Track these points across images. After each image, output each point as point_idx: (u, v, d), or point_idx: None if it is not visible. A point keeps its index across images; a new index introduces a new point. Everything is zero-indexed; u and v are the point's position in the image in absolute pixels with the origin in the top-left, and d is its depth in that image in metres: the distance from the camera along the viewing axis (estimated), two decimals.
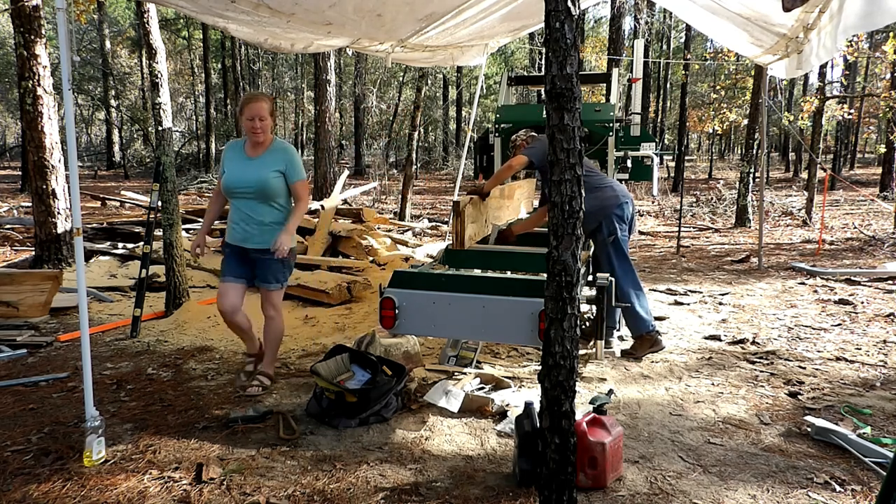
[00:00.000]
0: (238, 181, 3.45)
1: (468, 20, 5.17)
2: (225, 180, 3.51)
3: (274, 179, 3.44)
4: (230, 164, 3.52)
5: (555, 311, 2.18)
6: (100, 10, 20.74)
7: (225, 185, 3.51)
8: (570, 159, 2.11)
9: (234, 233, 3.53)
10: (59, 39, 2.79)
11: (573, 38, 2.06)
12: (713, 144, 37.45)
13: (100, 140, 34.62)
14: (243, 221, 3.48)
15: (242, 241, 3.50)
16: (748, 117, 12.32)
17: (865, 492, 2.54)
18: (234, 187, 3.47)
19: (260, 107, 3.39)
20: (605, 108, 5.66)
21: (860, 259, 7.92)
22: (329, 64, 12.35)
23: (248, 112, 3.37)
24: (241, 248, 3.52)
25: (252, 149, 3.50)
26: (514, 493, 2.53)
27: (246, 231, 3.48)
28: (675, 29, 24.67)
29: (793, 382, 3.78)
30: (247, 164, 3.47)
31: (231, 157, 3.54)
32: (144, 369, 4.01)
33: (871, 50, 20.19)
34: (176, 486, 2.58)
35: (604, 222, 4.12)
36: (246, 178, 3.43)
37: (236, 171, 3.47)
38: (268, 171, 3.43)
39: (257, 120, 3.39)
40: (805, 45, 4.77)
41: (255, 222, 3.47)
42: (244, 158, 3.49)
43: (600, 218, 4.11)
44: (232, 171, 3.49)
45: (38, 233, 6.66)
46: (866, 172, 27.00)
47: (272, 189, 3.44)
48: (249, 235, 3.48)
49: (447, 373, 3.83)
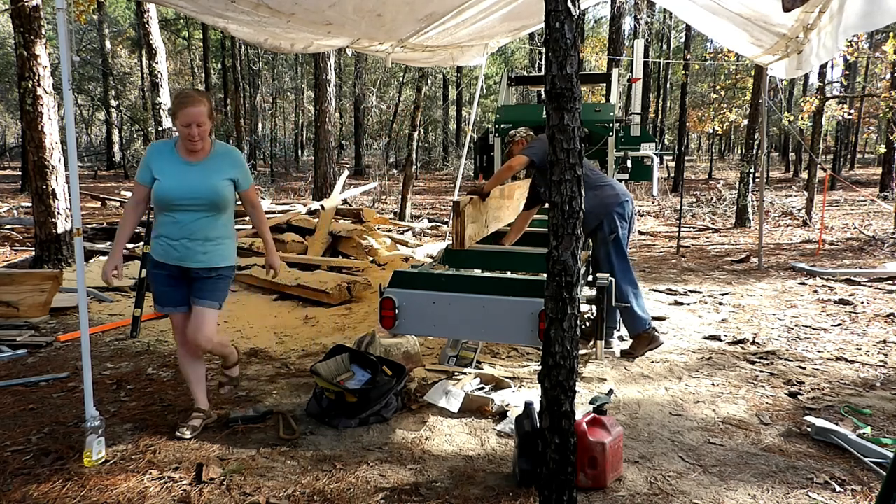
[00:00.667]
0: (181, 191, 2.92)
1: (468, 20, 5.17)
2: (162, 190, 2.93)
3: (226, 189, 3.01)
4: (165, 171, 2.94)
5: (555, 311, 2.18)
6: (100, 10, 20.73)
7: (161, 196, 2.93)
8: (570, 159, 2.11)
9: (170, 250, 2.98)
10: (59, 39, 2.80)
11: (573, 38, 2.06)
12: (713, 144, 37.46)
13: (100, 140, 34.62)
14: (184, 238, 2.96)
15: (182, 259, 2.99)
16: (748, 117, 12.33)
17: (865, 492, 2.54)
18: (176, 198, 2.92)
19: (198, 112, 2.86)
20: (605, 108, 5.66)
21: (860, 259, 7.92)
22: (329, 64, 12.35)
23: (183, 117, 2.84)
24: (180, 267, 3.02)
25: (191, 152, 2.98)
26: (514, 493, 2.53)
27: (188, 248, 2.97)
28: (675, 29, 24.68)
29: (793, 382, 3.78)
30: (188, 171, 2.95)
31: (163, 162, 2.97)
32: (144, 369, 4.01)
33: (871, 50, 20.20)
34: (176, 486, 2.58)
35: (605, 220, 4.13)
36: (191, 187, 2.93)
37: (176, 180, 2.93)
38: (219, 178, 2.98)
39: (195, 127, 2.87)
40: (805, 45, 4.77)
41: (200, 238, 2.98)
42: (182, 164, 2.96)
43: (602, 216, 4.12)
44: (170, 179, 2.93)
45: (38, 233, 6.66)
46: (866, 172, 27.00)
47: (224, 200, 3.01)
48: (192, 253, 2.98)
49: (447, 373, 3.83)
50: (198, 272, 3.02)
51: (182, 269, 3.02)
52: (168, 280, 3.06)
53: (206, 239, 3.01)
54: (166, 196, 2.93)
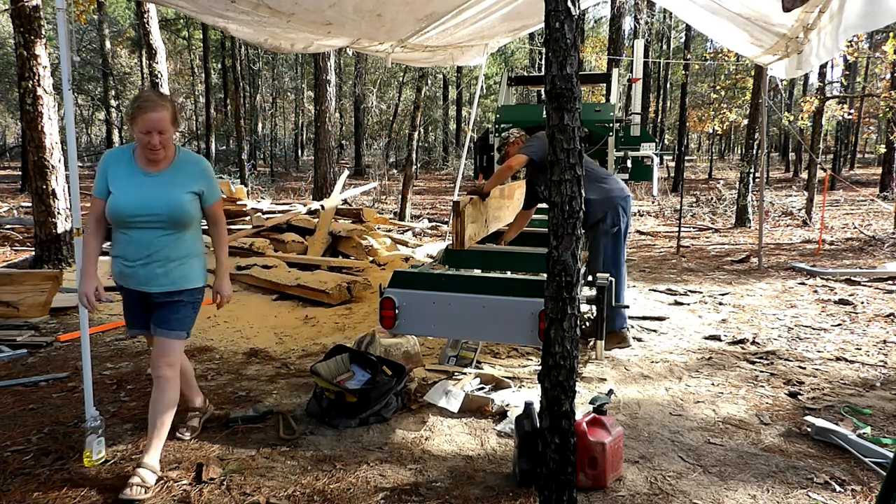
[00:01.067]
0: (138, 206, 2.59)
1: (468, 20, 5.17)
2: (116, 204, 2.59)
3: (188, 203, 2.68)
4: (121, 182, 2.62)
5: (555, 311, 2.18)
6: (100, 10, 20.72)
7: (116, 211, 2.60)
8: (570, 159, 2.11)
9: (130, 273, 2.67)
10: (59, 39, 2.80)
11: (573, 38, 2.06)
12: (713, 144, 37.46)
13: (100, 140, 34.61)
14: (144, 258, 2.64)
15: (144, 283, 2.68)
16: (748, 117, 12.33)
17: (865, 492, 2.54)
18: (133, 214, 2.60)
19: (159, 118, 2.54)
20: (605, 108, 5.66)
21: (860, 259, 7.92)
22: (329, 64, 12.36)
23: (142, 123, 2.52)
24: (141, 292, 2.71)
25: (150, 162, 2.67)
26: (514, 493, 2.53)
27: (148, 271, 2.65)
28: (675, 29, 24.68)
29: (793, 382, 3.78)
30: (148, 183, 2.63)
31: (120, 173, 2.64)
32: (144, 369, 4.01)
33: (871, 50, 20.20)
34: (176, 486, 2.58)
35: (610, 212, 4.20)
36: (150, 201, 2.60)
37: (134, 193, 2.61)
38: (181, 191, 2.67)
39: (155, 134, 2.55)
40: (805, 45, 4.77)
41: (161, 258, 2.66)
42: (141, 175, 2.64)
43: (608, 208, 4.19)
44: (126, 191, 2.61)
45: (38, 233, 6.66)
46: (866, 172, 27.00)
47: (187, 215, 2.68)
48: (153, 276, 2.66)
49: (447, 373, 3.83)
50: (159, 296, 2.71)
51: (141, 294, 2.72)
52: (131, 305, 2.80)
53: (168, 259, 2.68)
54: (120, 212, 2.60)
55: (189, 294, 2.75)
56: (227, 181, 12.65)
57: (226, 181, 12.23)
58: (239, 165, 17.39)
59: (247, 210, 8.49)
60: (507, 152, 4.50)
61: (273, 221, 7.62)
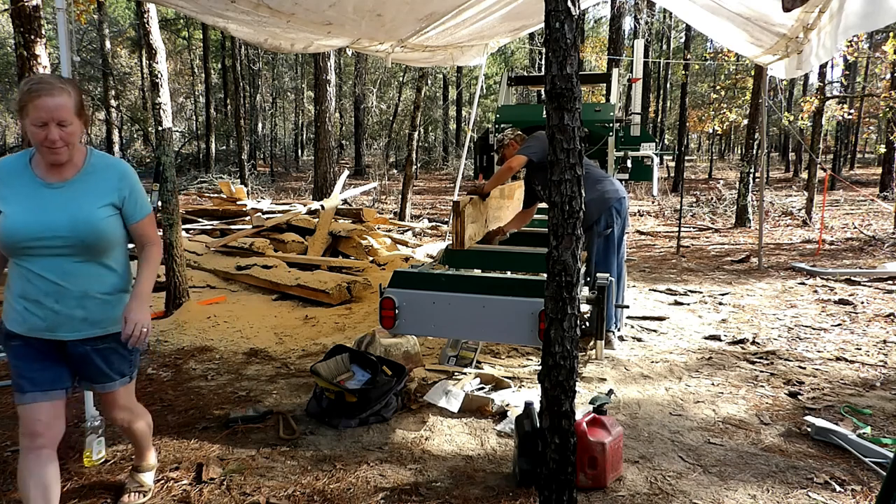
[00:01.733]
0: (38, 227, 1.97)
1: (468, 20, 5.17)
2: (8, 227, 1.97)
3: (105, 221, 2.06)
4: (13, 199, 1.99)
5: (555, 311, 2.18)
6: (100, 10, 20.73)
7: (9, 236, 1.97)
8: (570, 159, 2.11)
9: (29, 317, 2.03)
10: (59, 39, 2.80)
11: (573, 38, 2.06)
12: (713, 144, 37.46)
13: (100, 140, 34.62)
14: (49, 296, 2.02)
15: (49, 329, 2.04)
16: (748, 117, 12.33)
17: (865, 492, 2.54)
18: (31, 237, 1.97)
19: (58, 105, 1.91)
20: (605, 108, 5.66)
21: (860, 259, 7.92)
22: (329, 64, 12.36)
23: (35, 112, 1.90)
24: (46, 340, 2.06)
25: (52, 170, 2.03)
26: (514, 493, 2.53)
27: (55, 313, 2.03)
28: (675, 29, 24.67)
29: (793, 382, 3.78)
30: (50, 197, 2.01)
31: (12, 186, 2.01)
32: (144, 369, 4.01)
33: (871, 50, 20.21)
34: (176, 486, 2.58)
35: (604, 215, 4.21)
36: (54, 220, 1.99)
37: (30, 211, 1.98)
38: (93, 205, 2.04)
39: (53, 126, 1.92)
40: (805, 45, 4.77)
41: (74, 297, 2.04)
42: (39, 186, 2.02)
43: (602, 210, 4.19)
44: (20, 210, 1.98)
45: None
46: (866, 172, 26.99)
47: (104, 236, 2.06)
48: (62, 321, 2.04)
49: (447, 373, 3.83)
50: (77, 345, 2.09)
51: (47, 343, 2.07)
52: (25, 354, 2.06)
53: (85, 296, 2.06)
54: (13, 236, 1.97)
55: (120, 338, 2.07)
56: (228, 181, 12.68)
57: (226, 181, 12.26)
58: (239, 165, 17.39)
59: (247, 210, 8.50)
60: (504, 154, 4.52)
61: (273, 221, 7.62)
